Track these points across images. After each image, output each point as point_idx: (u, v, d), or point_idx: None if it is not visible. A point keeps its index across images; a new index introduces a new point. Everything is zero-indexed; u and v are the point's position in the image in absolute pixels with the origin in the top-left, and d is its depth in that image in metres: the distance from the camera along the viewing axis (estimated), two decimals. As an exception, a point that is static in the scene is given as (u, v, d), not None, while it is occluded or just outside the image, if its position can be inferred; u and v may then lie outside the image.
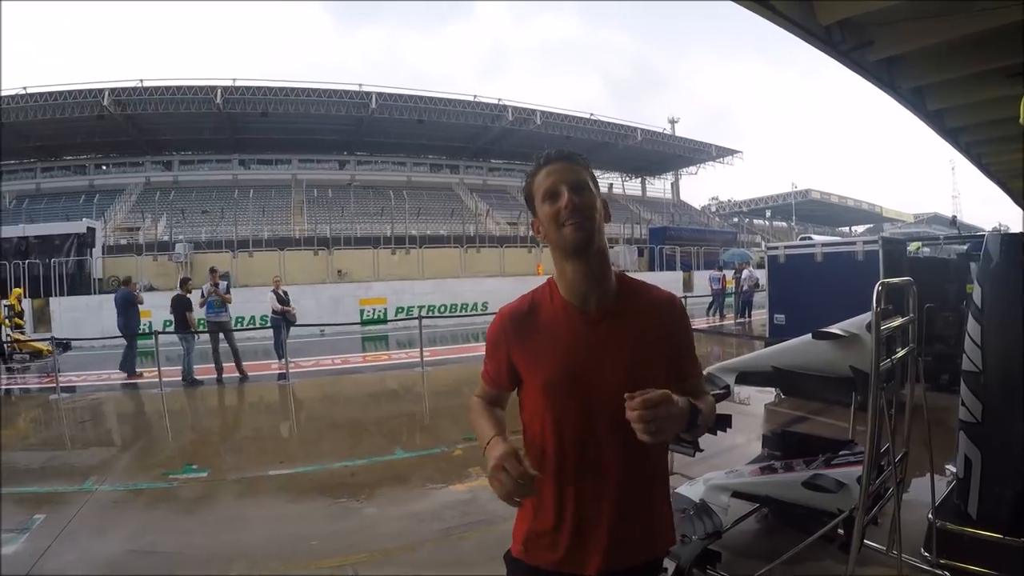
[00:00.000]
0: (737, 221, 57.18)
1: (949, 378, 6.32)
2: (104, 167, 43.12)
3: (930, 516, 3.20)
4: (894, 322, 3.07)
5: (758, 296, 17.13)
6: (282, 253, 24.17)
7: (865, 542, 3.03)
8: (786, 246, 8.78)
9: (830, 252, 7.91)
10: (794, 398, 7.03)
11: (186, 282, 11.23)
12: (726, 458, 4.83)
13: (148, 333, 11.37)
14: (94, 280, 21.94)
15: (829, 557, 3.28)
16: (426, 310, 18.79)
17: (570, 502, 1.45)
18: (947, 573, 3.13)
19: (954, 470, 3.49)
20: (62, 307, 17.98)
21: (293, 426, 7.97)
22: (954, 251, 8.92)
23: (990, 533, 3.05)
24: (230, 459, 6.23)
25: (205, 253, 24.98)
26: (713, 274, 20.58)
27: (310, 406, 9.01)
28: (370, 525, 4.29)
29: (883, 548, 3.29)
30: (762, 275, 14.11)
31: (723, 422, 3.25)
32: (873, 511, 3.26)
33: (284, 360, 10.33)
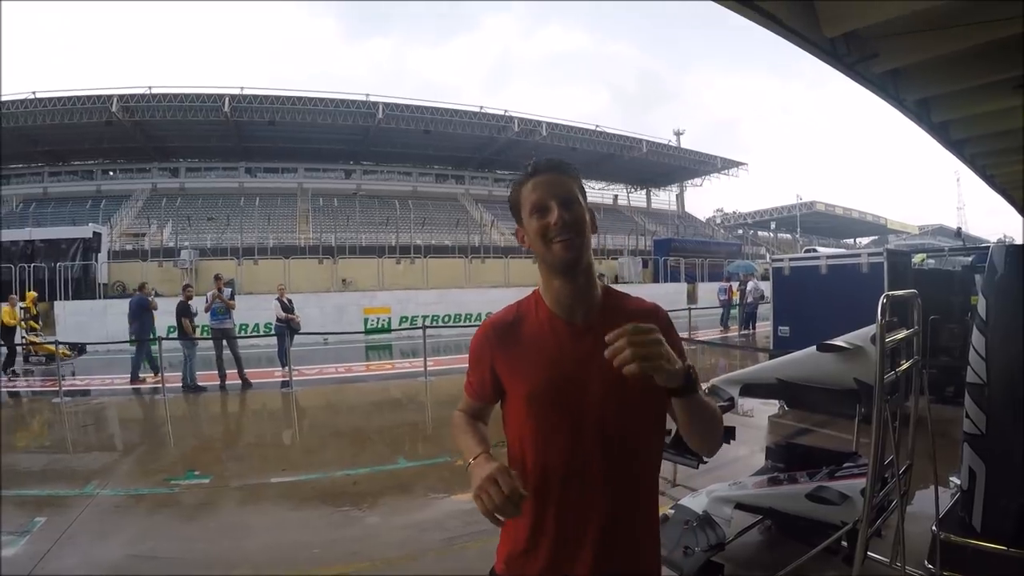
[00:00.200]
0: (742, 233, 57.20)
1: (954, 390, 6.31)
2: (111, 173, 43.26)
3: (934, 528, 3.18)
4: (899, 334, 3.08)
5: (762, 308, 17.09)
6: (287, 261, 24.17)
7: (869, 554, 3.01)
8: (791, 258, 8.79)
9: (835, 264, 7.92)
10: (798, 410, 7.02)
11: (186, 288, 11.34)
12: (729, 470, 4.84)
13: (152, 339, 11.39)
14: (99, 285, 22.07)
15: (832, 569, 3.28)
16: (430, 320, 18.76)
17: (554, 518, 1.41)
18: (951, 586, 3.11)
19: (958, 482, 3.48)
20: (67, 311, 17.95)
21: (296, 434, 7.98)
22: (959, 263, 8.89)
23: (994, 545, 3.03)
24: (232, 466, 6.24)
25: (210, 260, 25.12)
26: (721, 286, 20.57)
27: (313, 414, 9.03)
28: (372, 534, 4.30)
29: (887, 560, 3.27)
30: (767, 287, 14.13)
31: (727, 434, 3.24)
32: (877, 523, 3.25)
33: (287, 368, 10.36)
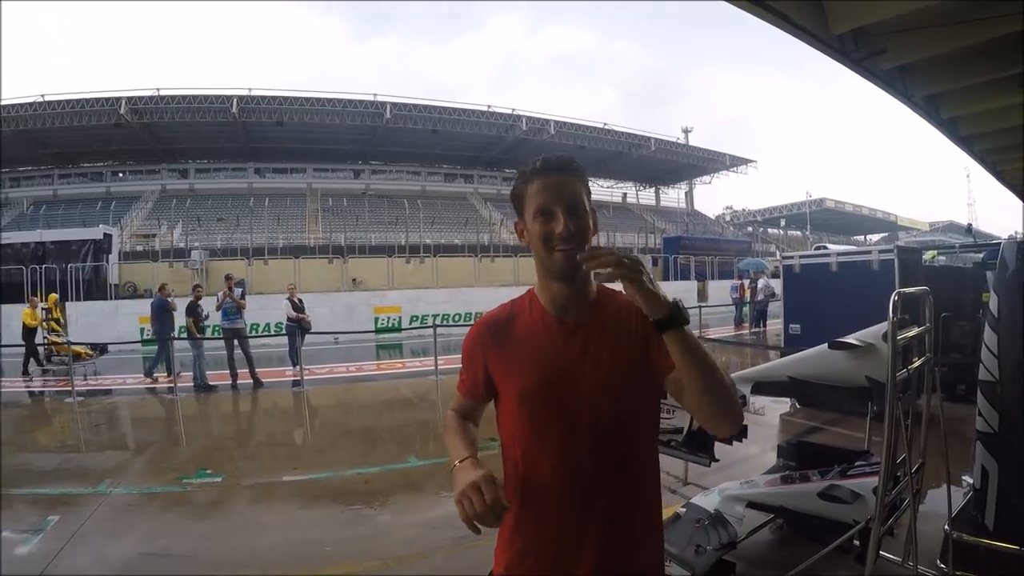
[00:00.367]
0: (751, 230, 56.93)
1: (966, 388, 6.27)
2: (121, 174, 43.45)
3: (946, 527, 3.17)
4: (910, 332, 3.06)
5: (773, 306, 17.03)
6: (297, 261, 24.26)
7: (881, 553, 3.00)
8: (801, 255, 8.76)
9: (845, 261, 7.88)
10: (809, 408, 6.99)
11: (195, 288, 11.50)
12: (741, 468, 4.83)
13: (154, 340, 11.52)
14: (110, 286, 22.23)
15: (844, 568, 3.27)
16: (440, 319, 18.75)
17: (550, 518, 1.41)
18: (963, 585, 3.09)
19: (971, 481, 3.46)
20: (78, 311, 18.07)
21: (307, 433, 8.02)
22: (970, 259, 8.85)
23: (1007, 545, 3.01)
24: (244, 464, 6.27)
25: (220, 260, 25.20)
26: (733, 283, 20.52)
27: (324, 413, 9.07)
28: (383, 532, 4.31)
29: (899, 560, 3.25)
30: (777, 285, 14.08)
31: (738, 432, 3.25)
32: (889, 522, 3.24)
33: (298, 367, 10.39)
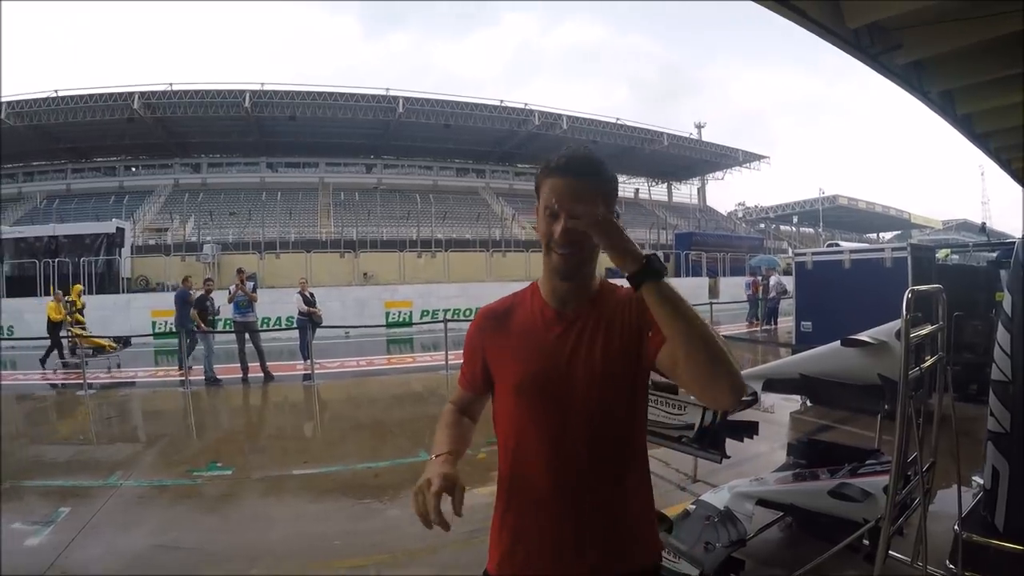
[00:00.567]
0: (764, 227, 56.64)
1: (978, 388, 6.22)
2: (133, 169, 43.77)
3: (956, 528, 3.15)
4: (923, 330, 3.04)
5: (784, 303, 16.95)
6: (309, 255, 24.40)
7: (890, 553, 2.99)
8: (814, 252, 8.71)
9: (858, 259, 7.83)
10: (820, 406, 6.95)
11: (206, 282, 11.66)
12: (751, 466, 4.81)
13: (160, 333, 11.57)
14: (123, 279, 22.42)
15: (853, 567, 3.25)
16: (451, 313, 18.74)
17: (544, 514, 1.41)
18: (973, 585, 3.08)
19: (981, 481, 3.44)
20: (91, 305, 18.03)
21: (317, 427, 8.05)
22: (984, 258, 8.77)
23: (1017, 546, 3.00)
24: (255, 458, 6.30)
25: (232, 254, 25.39)
26: (746, 280, 20.45)
27: (334, 407, 9.10)
28: (393, 526, 4.31)
29: (908, 559, 3.24)
30: (789, 282, 14.00)
31: (749, 429, 3.25)
32: (899, 522, 3.22)
33: (309, 361, 10.43)
